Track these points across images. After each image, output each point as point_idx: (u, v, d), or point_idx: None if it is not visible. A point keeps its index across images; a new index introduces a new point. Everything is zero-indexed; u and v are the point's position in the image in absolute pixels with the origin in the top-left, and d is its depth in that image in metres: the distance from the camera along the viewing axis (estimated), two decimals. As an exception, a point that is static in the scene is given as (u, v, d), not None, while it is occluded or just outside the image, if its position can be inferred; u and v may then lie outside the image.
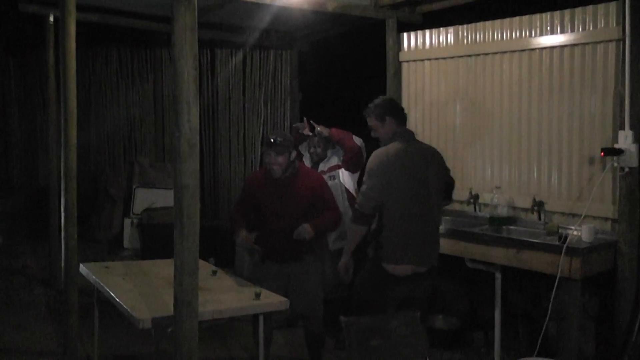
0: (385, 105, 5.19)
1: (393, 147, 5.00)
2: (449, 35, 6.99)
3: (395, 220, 4.90)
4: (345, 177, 6.62)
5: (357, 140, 6.57)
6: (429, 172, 5.01)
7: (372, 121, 5.18)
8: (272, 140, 5.37)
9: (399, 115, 5.18)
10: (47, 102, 8.68)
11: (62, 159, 5.73)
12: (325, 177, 6.36)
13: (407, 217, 4.92)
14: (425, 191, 4.97)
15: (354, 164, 6.56)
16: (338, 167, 6.64)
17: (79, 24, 5.84)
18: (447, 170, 5.28)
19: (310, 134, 6.65)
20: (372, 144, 5.36)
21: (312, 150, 6.75)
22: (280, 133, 5.52)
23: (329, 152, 6.75)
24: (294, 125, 6.65)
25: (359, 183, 6.10)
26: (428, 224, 5.01)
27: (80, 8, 6.10)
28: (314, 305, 5.50)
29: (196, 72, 3.53)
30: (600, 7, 5.66)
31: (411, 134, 5.19)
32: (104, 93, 11.39)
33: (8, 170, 11.52)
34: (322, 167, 6.67)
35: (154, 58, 11.39)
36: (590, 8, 5.74)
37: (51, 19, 8.21)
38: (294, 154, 5.47)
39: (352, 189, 6.60)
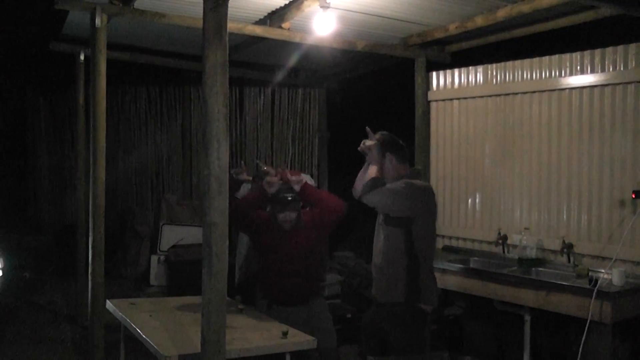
0: (386, 140, 4.95)
1: (416, 182, 4.89)
2: (478, 74, 6.98)
3: (427, 260, 4.85)
4: None
5: (306, 177, 6.18)
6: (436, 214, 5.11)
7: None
8: (288, 198, 5.40)
9: (399, 152, 4.94)
10: (76, 140, 8.78)
11: (90, 196, 5.77)
12: None
13: (431, 256, 4.91)
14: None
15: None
16: None
17: (108, 62, 5.91)
18: None
19: (250, 179, 5.86)
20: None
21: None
22: (287, 188, 5.51)
23: None
24: (231, 171, 5.80)
25: None
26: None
27: (110, 47, 6.17)
28: (329, 344, 5.45)
29: (226, 109, 3.54)
30: (631, 47, 5.62)
31: (419, 175, 5.07)
32: (133, 130, 11.48)
33: (36, 207, 11.60)
34: None
35: (182, 96, 11.47)
36: (620, 48, 5.71)
37: (82, 57, 8.30)
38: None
39: None
